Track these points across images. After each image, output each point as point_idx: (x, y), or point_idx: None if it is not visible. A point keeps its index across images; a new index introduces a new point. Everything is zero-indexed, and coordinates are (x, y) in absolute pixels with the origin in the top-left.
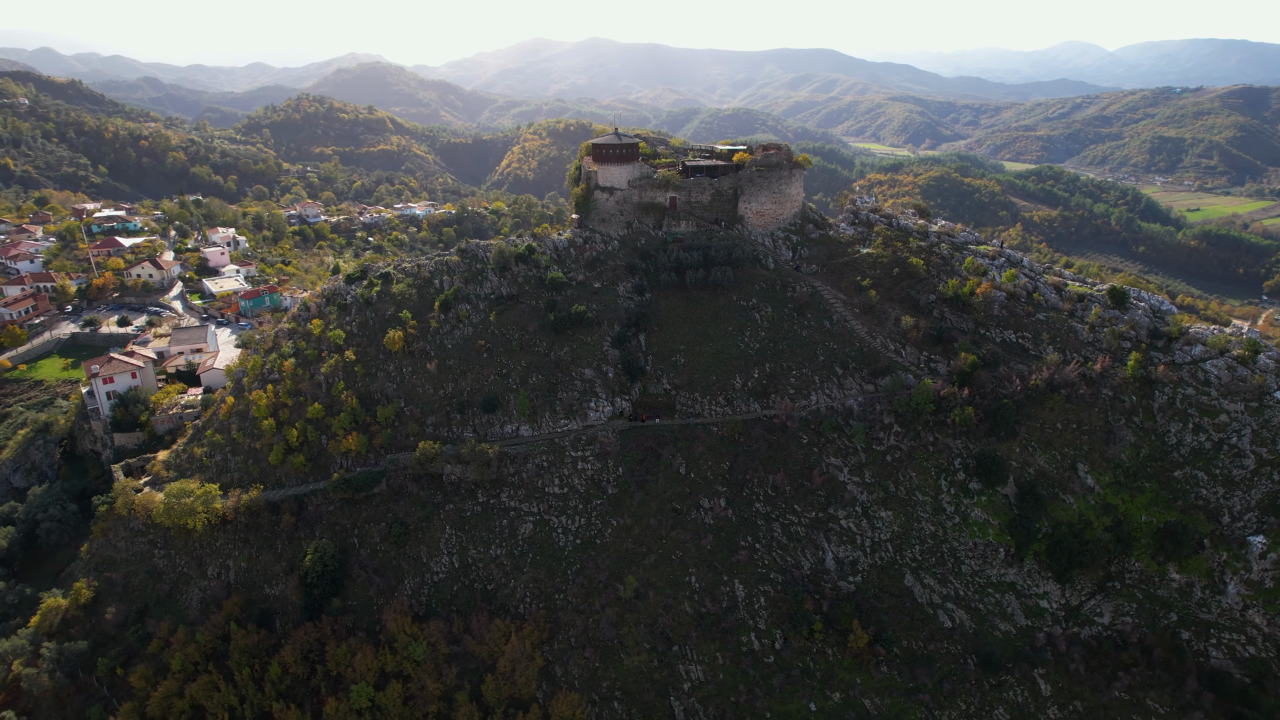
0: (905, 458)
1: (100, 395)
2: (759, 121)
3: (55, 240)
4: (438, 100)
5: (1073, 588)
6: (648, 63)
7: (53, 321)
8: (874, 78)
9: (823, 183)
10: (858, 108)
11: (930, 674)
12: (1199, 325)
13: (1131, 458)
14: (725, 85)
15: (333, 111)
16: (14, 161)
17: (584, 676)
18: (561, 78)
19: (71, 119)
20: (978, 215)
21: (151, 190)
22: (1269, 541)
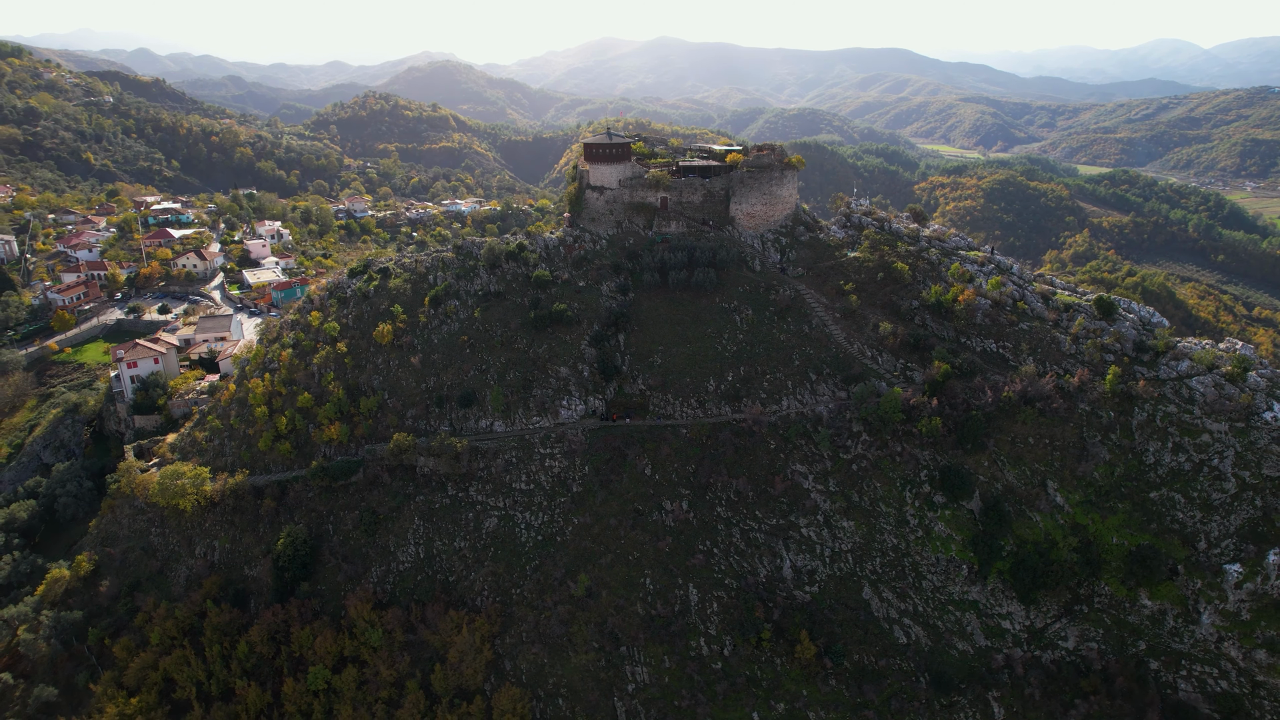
0: (871, 467)
1: (125, 379)
2: (824, 122)
3: (114, 231)
4: (504, 98)
5: (1038, 609)
6: (715, 62)
7: (101, 308)
8: (947, 78)
9: (883, 184)
10: (928, 109)
11: (879, 690)
12: (1189, 340)
13: (1105, 476)
14: (793, 85)
15: (397, 109)
16: (95, 156)
17: (531, 672)
18: (629, 76)
19: (150, 116)
20: (1042, 220)
21: (219, 184)
22: (1246, 570)
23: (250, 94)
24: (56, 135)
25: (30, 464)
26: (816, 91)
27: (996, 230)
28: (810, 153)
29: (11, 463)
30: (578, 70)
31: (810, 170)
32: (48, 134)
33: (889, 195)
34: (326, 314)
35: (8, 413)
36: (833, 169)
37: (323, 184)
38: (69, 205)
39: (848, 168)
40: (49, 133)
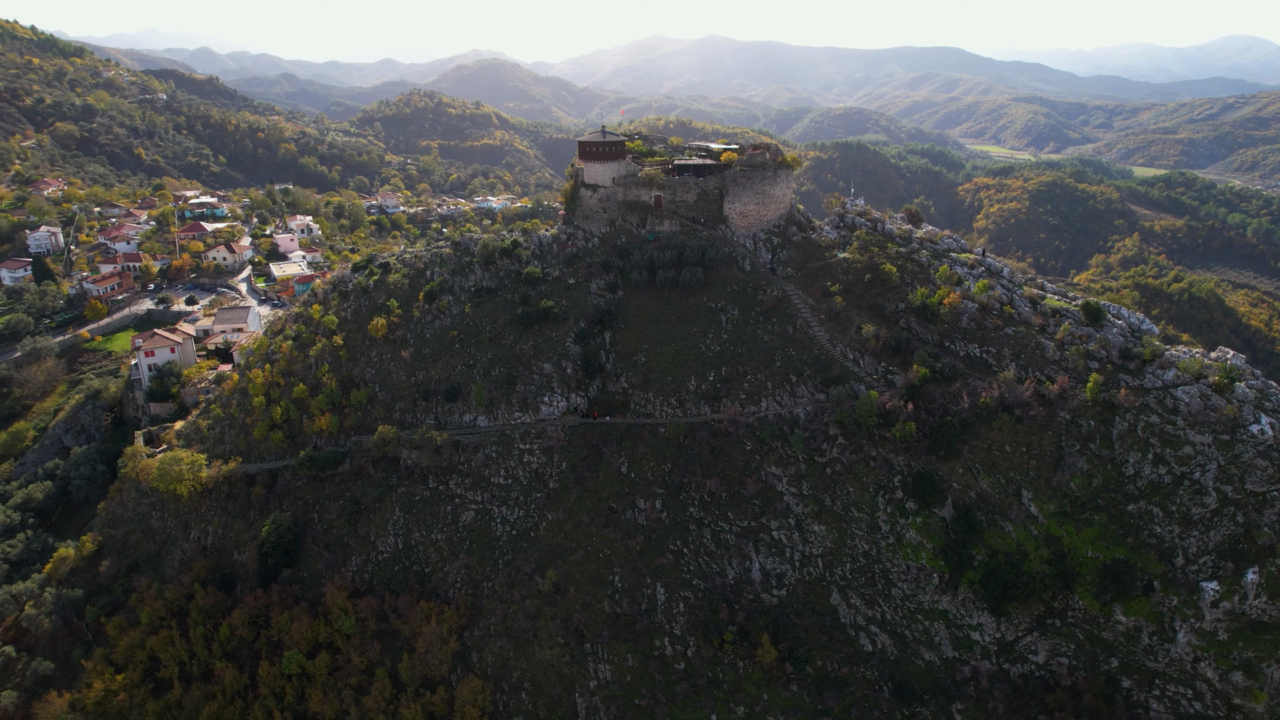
0: (845, 471)
1: (142, 367)
2: (870, 121)
3: (153, 224)
4: (550, 96)
5: (1009, 621)
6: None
7: (134, 298)
8: (1000, 77)
9: (926, 185)
10: (978, 108)
11: (840, 698)
12: (1179, 348)
13: (1082, 487)
14: (842, 84)
15: (441, 106)
16: (146, 152)
17: (497, 664)
18: (676, 75)
19: (200, 113)
20: (1089, 224)
21: (264, 179)
22: (1223, 589)
23: (303, 91)
24: (111, 131)
25: (52, 447)
26: (865, 91)
27: (1041, 233)
28: (851, 153)
29: (35, 445)
30: (625, 69)
31: (851, 170)
32: (103, 130)
33: (931, 196)
34: (328, 307)
35: (39, 397)
36: (874, 169)
37: (363, 180)
38: (115, 199)
39: (890, 168)
40: (104, 129)
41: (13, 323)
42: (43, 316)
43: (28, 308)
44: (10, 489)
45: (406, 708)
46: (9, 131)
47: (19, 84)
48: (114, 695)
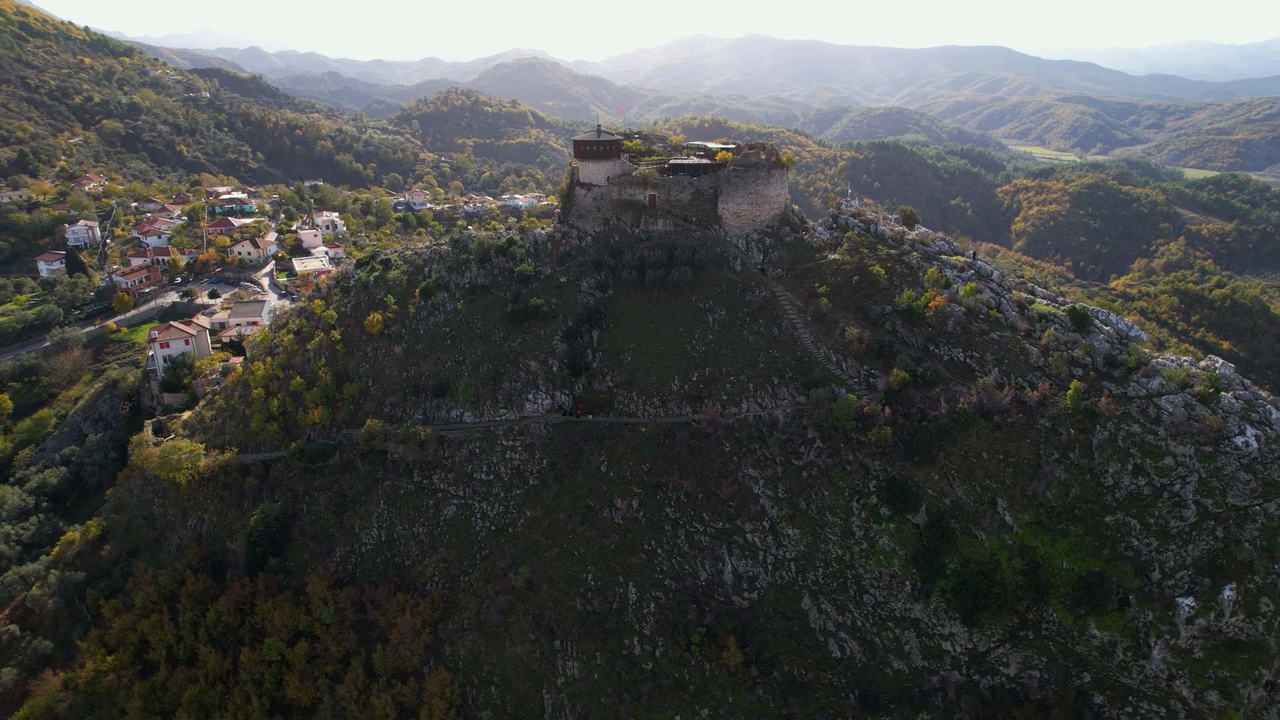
0: (821, 475)
1: (157, 358)
2: (911, 121)
3: (185, 219)
4: (589, 95)
5: (981, 632)
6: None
7: (161, 291)
8: (1047, 77)
9: (963, 187)
10: (1023, 109)
11: (804, 704)
12: (1167, 355)
13: (1059, 497)
14: (884, 84)
15: (478, 105)
16: (187, 148)
17: (468, 658)
18: (717, 74)
19: (241, 110)
20: (1133, 227)
21: (301, 175)
22: (1199, 605)
23: (346, 89)
24: (154, 129)
25: (71, 434)
26: (908, 90)
27: (1081, 236)
28: (888, 153)
29: (55, 432)
30: (666, 68)
31: (887, 171)
32: (146, 127)
33: (969, 198)
34: (329, 302)
35: (65, 386)
36: (910, 170)
37: (396, 177)
38: (152, 194)
39: (927, 169)
40: (148, 126)
41: (44, 313)
42: (73, 308)
43: (59, 299)
44: (29, 474)
45: (377, 698)
46: (58, 129)
47: (70, 83)
48: (103, 676)
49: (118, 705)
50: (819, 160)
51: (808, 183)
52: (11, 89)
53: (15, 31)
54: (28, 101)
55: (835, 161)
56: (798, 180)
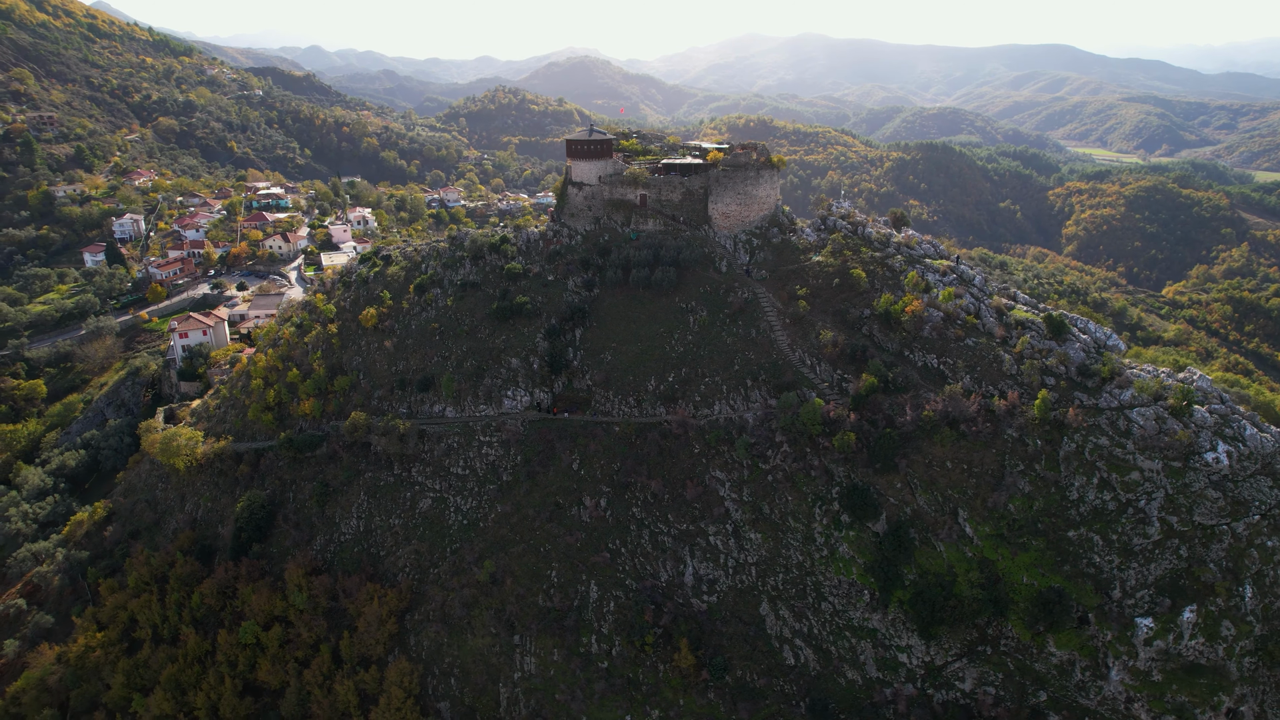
0: (785, 480)
1: (176, 348)
2: (966, 122)
3: (224, 213)
4: (639, 93)
5: (938, 645)
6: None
7: (193, 283)
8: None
9: (1013, 189)
10: (1084, 109)
11: (754, 710)
12: (1145, 366)
13: (1022, 510)
14: (940, 83)
15: (524, 103)
16: (237, 144)
17: (431, 649)
18: (769, 73)
19: (291, 108)
20: (1192, 232)
21: (346, 171)
22: (1158, 626)
23: (400, 87)
24: (207, 126)
25: (95, 418)
26: (965, 90)
27: (1136, 241)
28: (936, 154)
29: (80, 416)
30: (718, 66)
31: (934, 172)
32: (200, 124)
33: (1018, 201)
34: (331, 296)
35: (97, 372)
36: (958, 171)
37: (439, 174)
38: (197, 189)
39: (975, 171)
40: (201, 123)
41: (81, 302)
42: (110, 297)
43: (96, 289)
44: (52, 455)
45: (341, 684)
46: (116, 125)
47: (130, 82)
48: (91, 652)
49: (103, 680)
50: (864, 160)
51: (852, 183)
52: (76, 88)
53: (84, 33)
54: (90, 99)
55: (881, 162)
56: (842, 181)
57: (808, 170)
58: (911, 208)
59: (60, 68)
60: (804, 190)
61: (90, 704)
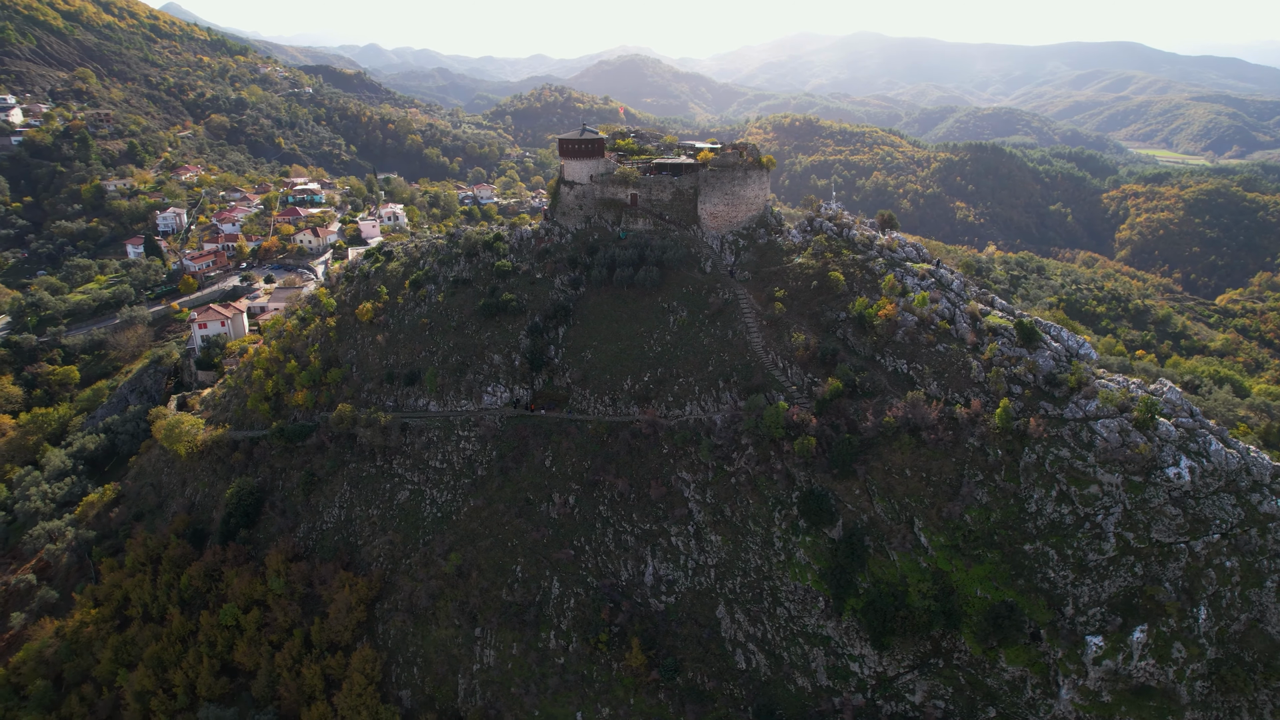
0: (748, 482)
1: (196, 338)
2: (1021, 122)
3: (261, 207)
4: (688, 92)
5: (891, 656)
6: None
7: (225, 275)
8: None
9: (1066, 192)
10: (1149, 109)
11: (701, 712)
12: (1115, 376)
13: (979, 521)
14: (998, 83)
15: (570, 101)
16: (285, 141)
17: (397, 637)
18: (822, 72)
19: (339, 105)
20: (1256, 237)
21: (390, 167)
22: (1107, 646)
23: (453, 85)
24: (257, 123)
25: (118, 404)
26: (1023, 90)
27: (1195, 246)
28: (985, 155)
29: (105, 402)
30: (771, 65)
31: (982, 174)
32: (250, 121)
33: (1070, 204)
34: (334, 290)
35: (129, 360)
36: (1008, 173)
37: (480, 171)
38: (240, 184)
39: (1026, 172)
40: (251, 120)
41: (118, 293)
42: (145, 288)
43: (133, 280)
44: (76, 438)
45: (308, 668)
46: (171, 122)
47: (186, 80)
48: (85, 627)
49: (94, 654)
50: (911, 161)
51: (897, 184)
52: (135, 86)
53: (146, 34)
54: (148, 97)
55: (928, 163)
56: (887, 181)
57: (853, 170)
58: (957, 209)
59: (121, 67)
60: (848, 190)
61: (81, 677)
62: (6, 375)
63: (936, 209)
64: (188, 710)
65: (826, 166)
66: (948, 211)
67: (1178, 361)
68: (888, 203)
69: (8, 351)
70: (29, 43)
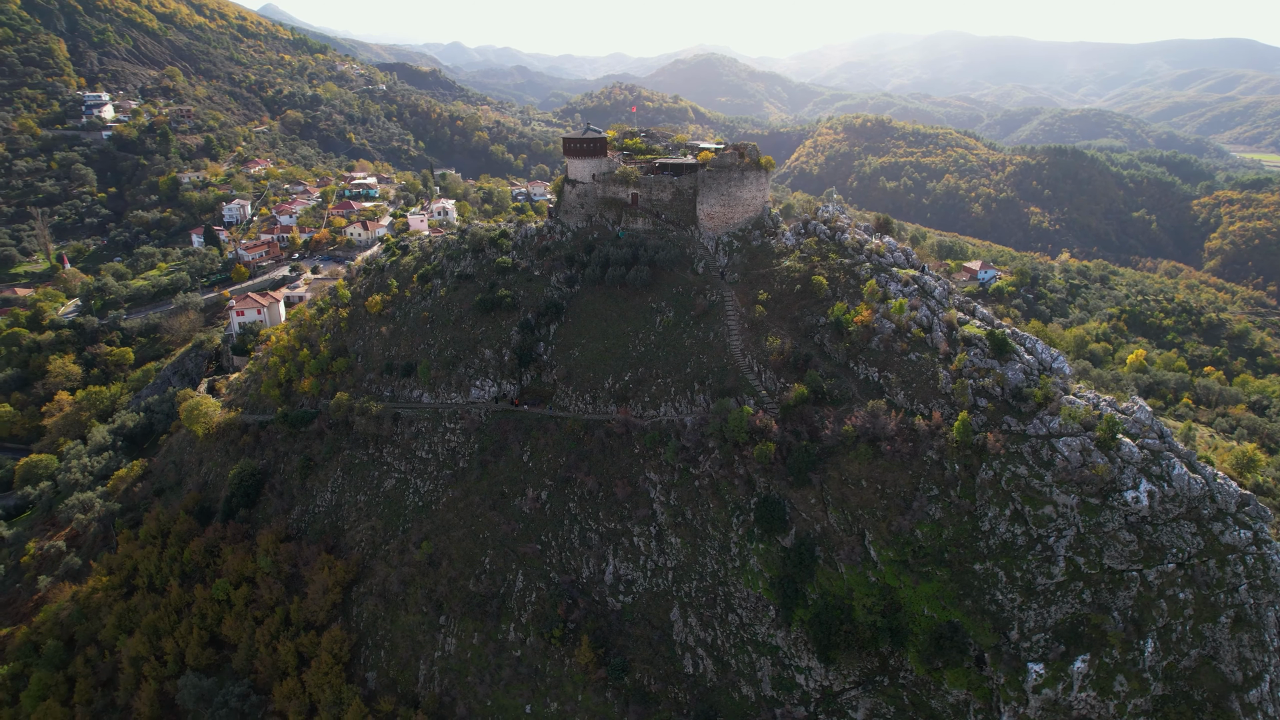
0: (710, 486)
1: (234, 324)
2: (1112, 125)
3: (319, 200)
4: (763, 91)
5: (838, 670)
6: (999, 58)
7: (276, 265)
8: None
9: (1152, 198)
10: (1258, 110)
11: (643, 714)
12: (1087, 393)
13: (930, 537)
14: (1091, 83)
15: (639, 99)
16: (355, 136)
17: (368, 620)
18: (904, 72)
19: (410, 102)
20: None
21: (456, 163)
22: (1048, 674)
23: (530, 82)
24: (330, 118)
25: (161, 385)
26: (1119, 91)
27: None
28: (1064, 159)
29: (150, 383)
30: (851, 65)
31: (1060, 179)
32: (323, 117)
33: (1155, 210)
34: (352, 282)
35: (180, 343)
36: (1088, 178)
37: (544, 168)
38: (305, 178)
39: (1109, 177)
40: (324, 116)
41: (175, 280)
42: (200, 276)
43: (190, 268)
44: (119, 416)
45: (283, 644)
46: (249, 117)
47: (266, 78)
48: (94, 594)
49: (100, 620)
50: (985, 164)
51: (969, 187)
52: (219, 83)
53: (233, 34)
54: (229, 94)
55: (1003, 166)
56: (958, 185)
57: (924, 173)
58: (1031, 215)
59: (208, 65)
60: (917, 193)
61: (89, 640)
62: (69, 354)
63: (1009, 214)
64: (176, 677)
65: (896, 168)
66: (1021, 217)
67: (1246, 380)
68: (958, 206)
69: (72, 332)
70: (126, 43)
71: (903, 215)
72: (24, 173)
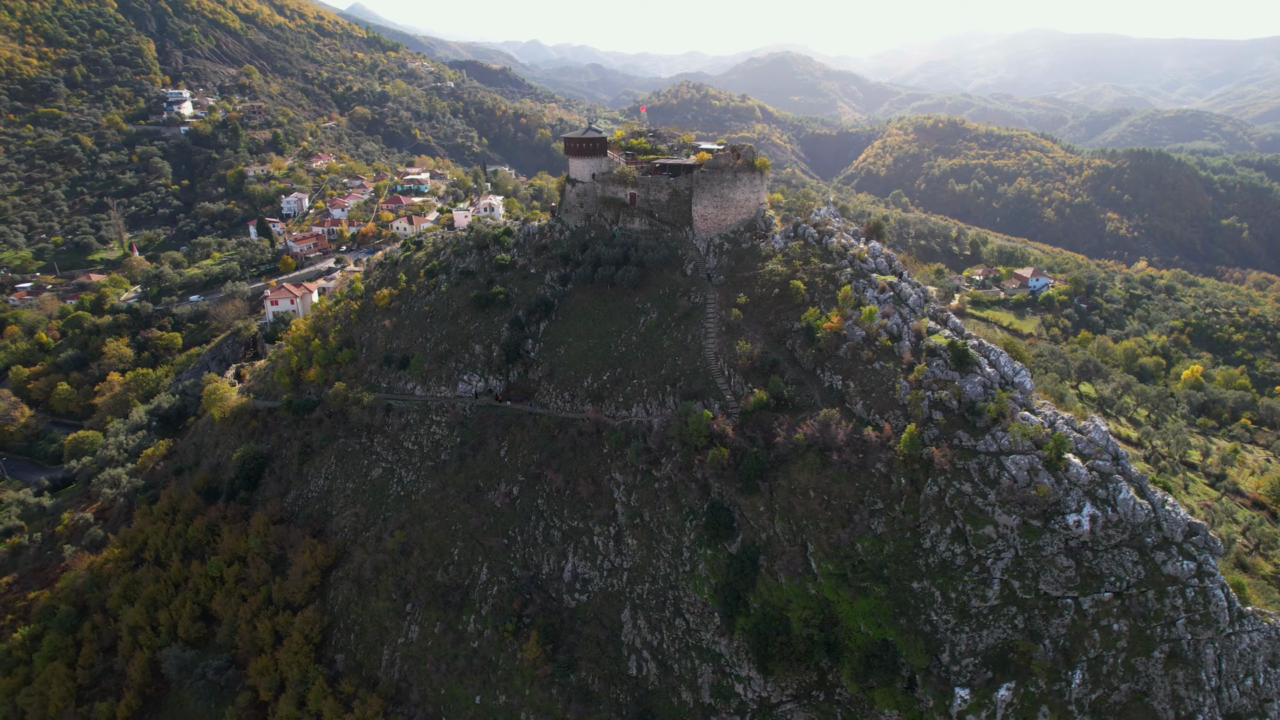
0: (668, 489)
1: (268, 313)
2: (1209, 126)
3: (371, 194)
4: (838, 90)
5: (777, 682)
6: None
7: (323, 257)
8: None
9: (1243, 204)
10: None
11: (583, 713)
12: (1044, 410)
13: (870, 552)
14: (1191, 81)
15: (706, 98)
16: (420, 132)
17: (342, 604)
18: (986, 71)
19: (475, 99)
20: None
21: (518, 160)
22: (973, 700)
23: (605, 80)
24: (396, 115)
25: (199, 370)
26: (1222, 90)
27: None
28: (1148, 163)
29: (190, 367)
30: (931, 64)
31: (1143, 183)
32: (390, 113)
33: (1247, 218)
34: (368, 276)
35: (225, 330)
36: (1173, 183)
37: None
38: (364, 172)
39: (1196, 182)
40: (391, 112)
41: (226, 269)
42: (250, 266)
43: (241, 258)
44: (158, 398)
45: (262, 623)
46: (319, 113)
47: (338, 75)
48: (105, 565)
49: (109, 589)
50: (1061, 168)
51: (1042, 191)
52: (293, 80)
53: (310, 32)
54: (302, 91)
55: (1080, 170)
56: (1031, 189)
57: (995, 176)
58: (1107, 221)
59: (284, 63)
60: (987, 197)
61: (98, 607)
62: (124, 337)
63: (1084, 220)
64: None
65: (967, 171)
66: (1097, 223)
67: None
68: (1029, 211)
69: (128, 316)
70: (209, 43)
71: (971, 219)
72: (108, 165)
